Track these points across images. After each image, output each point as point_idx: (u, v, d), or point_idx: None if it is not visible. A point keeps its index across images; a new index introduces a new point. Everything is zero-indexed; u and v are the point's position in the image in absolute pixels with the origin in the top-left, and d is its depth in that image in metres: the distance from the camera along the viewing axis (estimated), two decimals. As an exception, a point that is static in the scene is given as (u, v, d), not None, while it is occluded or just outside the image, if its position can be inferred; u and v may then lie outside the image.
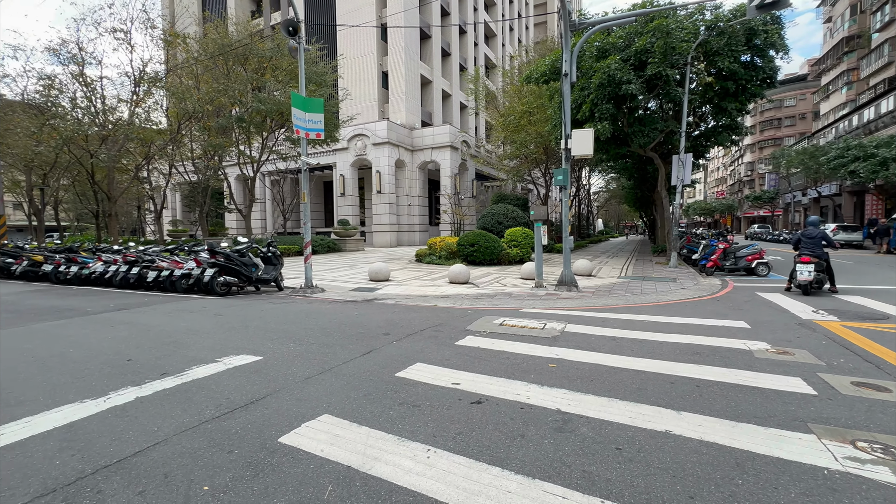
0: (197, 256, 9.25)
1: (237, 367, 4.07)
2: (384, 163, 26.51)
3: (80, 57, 16.26)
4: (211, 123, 17.96)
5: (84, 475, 2.31)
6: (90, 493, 2.15)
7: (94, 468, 2.37)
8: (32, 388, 3.62)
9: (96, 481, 2.25)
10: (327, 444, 2.56)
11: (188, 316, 6.63)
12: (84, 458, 2.48)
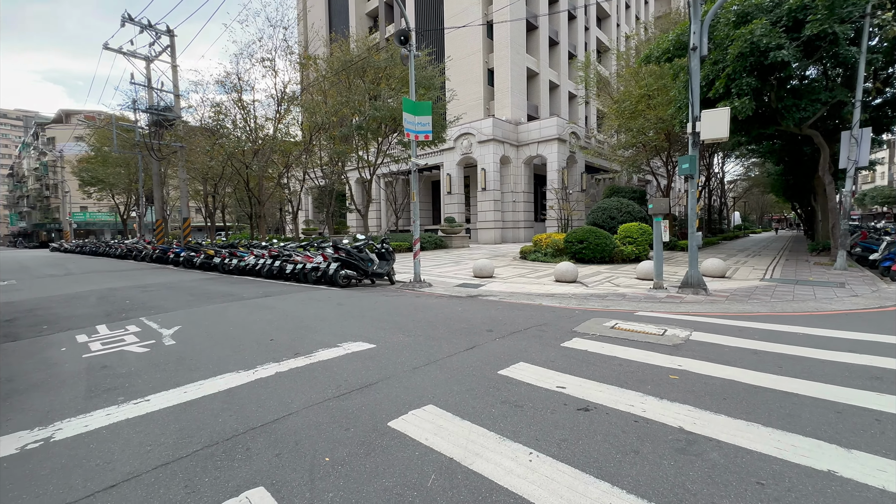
0: (324, 252, 10.44)
1: (354, 352, 4.48)
2: (489, 160, 26.63)
3: (238, 85, 19.60)
4: (335, 133, 20.09)
5: (238, 433, 2.78)
6: (241, 449, 2.57)
7: (245, 428, 2.84)
8: (204, 358, 4.48)
9: (246, 440, 2.69)
10: (431, 433, 2.66)
11: (316, 304, 7.52)
12: (238, 419, 2.98)
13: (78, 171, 36.91)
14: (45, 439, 2.81)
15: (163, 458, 2.51)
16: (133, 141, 24.31)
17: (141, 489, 2.21)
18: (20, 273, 16.17)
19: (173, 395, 3.47)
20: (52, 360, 4.63)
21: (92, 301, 8.62)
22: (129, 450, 2.63)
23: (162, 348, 4.93)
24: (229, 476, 2.29)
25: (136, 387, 3.72)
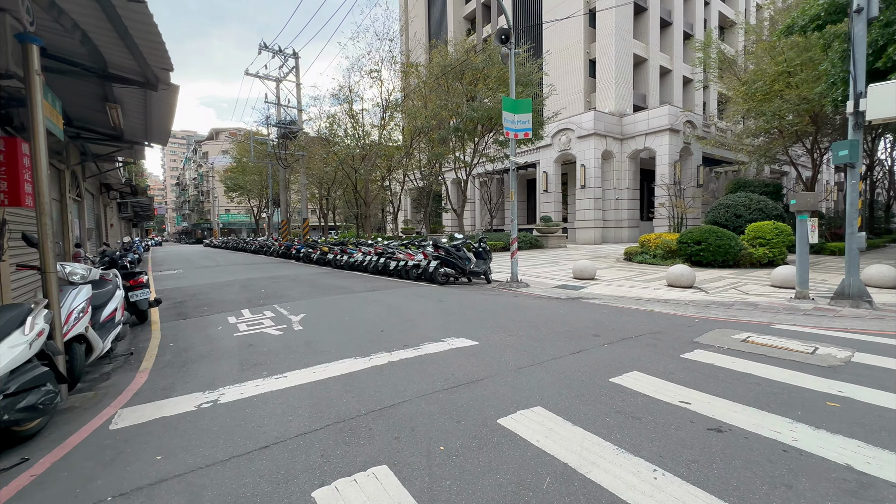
0: (424, 250, 10.92)
1: (458, 348, 4.62)
2: (589, 155, 25.26)
3: (349, 97, 21.45)
4: (434, 136, 20.86)
5: (360, 414, 3.05)
6: (364, 429, 2.82)
7: (366, 411, 3.11)
8: (327, 343, 5.00)
9: (367, 421, 2.94)
10: (542, 435, 2.63)
11: (418, 300, 7.90)
12: (359, 401, 3.27)
13: (223, 179, 43.98)
14: (214, 401, 3.41)
15: (301, 429, 2.86)
16: (265, 152, 28.13)
17: (287, 452, 2.56)
18: (184, 264, 19.78)
19: (305, 375, 3.94)
20: (213, 337, 5.58)
21: (236, 289, 10.19)
22: (275, 418, 3.05)
23: (292, 332, 5.62)
24: (356, 452, 2.53)
25: (275, 364, 4.31)
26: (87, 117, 7.74)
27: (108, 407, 3.41)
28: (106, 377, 4.19)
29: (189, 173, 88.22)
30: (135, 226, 40.47)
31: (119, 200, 22.69)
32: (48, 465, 2.55)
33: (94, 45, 4.54)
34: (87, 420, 3.16)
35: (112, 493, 2.23)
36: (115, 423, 3.10)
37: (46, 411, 2.86)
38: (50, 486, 2.34)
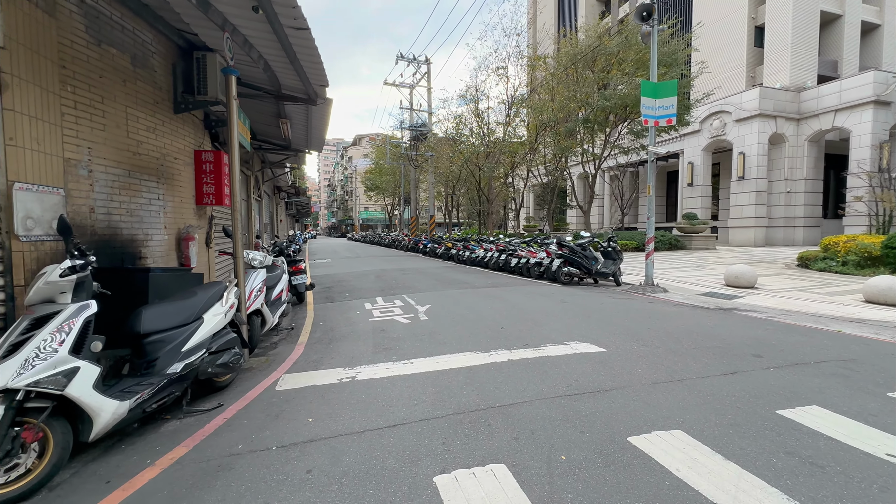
0: (547, 248, 10.57)
1: (583, 353, 4.34)
2: (751, 141, 21.24)
3: (476, 96, 21.94)
4: (561, 129, 20.01)
5: (479, 408, 3.09)
6: (483, 424, 2.84)
7: (485, 406, 3.13)
8: (449, 335, 5.20)
9: (486, 416, 2.96)
10: (684, 464, 2.29)
11: (540, 299, 7.69)
12: (479, 396, 3.32)
13: (364, 180, 49.41)
14: (352, 377, 3.83)
15: (425, 414, 3.03)
16: (399, 154, 30.64)
17: (412, 434, 2.73)
18: (332, 255, 22.81)
19: (429, 363, 4.16)
20: (352, 320, 6.29)
21: (372, 279, 11.33)
22: (402, 400, 3.29)
23: (418, 322, 6.00)
24: (475, 445, 2.57)
25: (403, 350, 4.65)
26: (265, 132, 9.44)
27: (275, 371, 4.11)
28: (274, 346, 5.06)
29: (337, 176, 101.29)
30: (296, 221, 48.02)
31: (286, 200, 27.21)
32: (234, 413, 3.18)
33: (272, 72, 5.48)
34: (260, 380, 3.86)
35: (276, 444, 2.67)
36: (280, 385, 3.71)
37: (235, 369, 3.57)
38: (236, 428, 2.91)
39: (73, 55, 3.61)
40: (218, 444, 2.69)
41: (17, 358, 2.17)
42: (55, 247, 3.31)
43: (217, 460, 2.50)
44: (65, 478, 2.38)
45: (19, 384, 2.12)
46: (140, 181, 4.39)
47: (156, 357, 2.95)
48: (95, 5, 3.84)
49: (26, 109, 3.12)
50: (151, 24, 4.53)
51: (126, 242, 4.16)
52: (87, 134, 3.73)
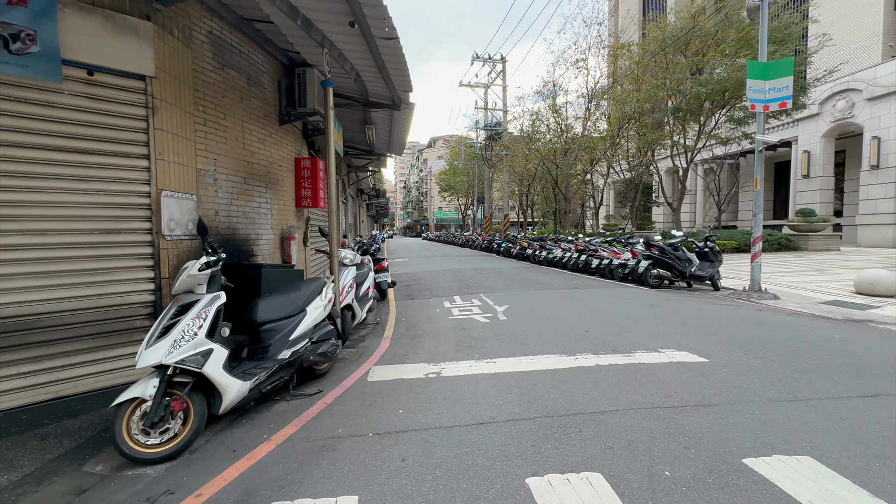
0: (633, 248, 9.92)
1: (681, 363, 4.00)
2: (889, 122, 17.90)
3: (553, 91, 21.29)
4: (647, 121, 18.63)
5: (568, 413, 3.00)
6: (574, 430, 2.75)
7: (574, 411, 3.03)
8: (531, 336, 5.12)
9: (577, 422, 2.86)
10: (818, 497, 2.01)
11: (626, 302, 7.24)
12: (567, 400, 3.22)
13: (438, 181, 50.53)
14: (437, 373, 3.94)
15: (512, 414, 3.01)
16: (473, 154, 30.83)
17: (500, 434, 2.73)
18: (409, 254, 23.65)
19: (512, 363, 4.13)
20: (433, 317, 6.46)
21: (448, 277, 11.54)
22: (488, 399, 3.31)
23: (498, 322, 5.99)
24: (567, 451, 2.49)
25: (485, 349, 4.67)
26: (352, 138, 10.07)
27: (365, 363, 4.38)
28: (362, 339, 5.38)
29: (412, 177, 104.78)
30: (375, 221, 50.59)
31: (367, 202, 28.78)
32: (333, 399, 3.44)
33: (362, 81, 5.84)
34: (353, 370, 4.14)
35: (372, 431, 2.84)
36: (371, 376, 3.94)
37: (332, 358, 3.87)
38: (335, 413, 3.15)
39: (203, 79, 4.17)
40: (321, 427, 2.94)
41: (168, 339, 2.56)
42: (190, 245, 3.85)
43: (322, 441, 2.73)
44: (200, 444, 2.76)
45: (170, 361, 2.51)
46: (253, 187, 4.95)
47: (269, 344, 3.31)
48: (220, 34, 4.40)
49: (170, 128, 3.67)
50: (262, 46, 5.07)
51: (242, 241, 4.71)
52: (213, 147, 4.29)
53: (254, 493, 2.19)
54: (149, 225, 3.53)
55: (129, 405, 2.49)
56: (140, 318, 3.51)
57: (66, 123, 3.16)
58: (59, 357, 3.15)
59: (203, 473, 2.41)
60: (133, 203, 3.47)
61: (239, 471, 2.41)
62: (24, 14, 2.84)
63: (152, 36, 3.46)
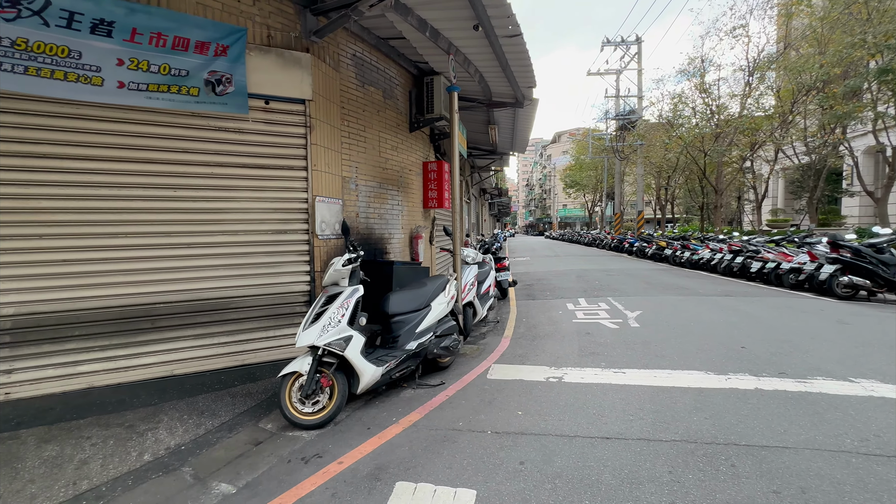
0: (811, 249, 8.04)
1: (885, 398, 3.10)
2: None
3: (702, 68, 18.52)
4: (835, 90, 14.85)
5: (717, 442, 2.57)
6: (725, 463, 2.35)
7: (725, 441, 2.58)
8: (669, 348, 4.54)
9: (728, 454, 2.43)
10: None
11: (799, 316, 5.91)
12: (714, 426, 2.76)
13: (562, 177, 48.48)
14: (559, 378, 3.78)
15: (643, 433, 2.72)
16: (602, 147, 28.77)
17: (629, 453, 2.49)
18: (530, 252, 23.25)
19: (645, 376, 3.73)
20: (555, 319, 6.23)
21: (572, 278, 10.98)
22: (615, 412, 3.04)
23: (628, 329, 5.47)
24: (714, 486, 2.14)
25: (612, 357, 4.32)
26: (475, 139, 10.31)
27: (485, 360, 4.44)
28: (482, 337, 5.47)
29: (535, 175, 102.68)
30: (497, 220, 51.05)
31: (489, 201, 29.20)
32: (454, 392, 3.57)
33: (485, 83, 5.93)
34: (473, 366, 4.24)
35: (491, 429, 2.86)
36: (491, 374, 3.98)
37: (454, 353, 4.03)
38: (456, 406, 3.27)
39: (348, 97, 4.74)
40: (443, 417, 3.08)
41: (319, 325, 2.99)
42: (336, 243, 4.42)
43: (443, 431, 2.86)
44: (342, 418, 3.14)
45: (320, 342, 2.92)
46: (386, 191, 5.44)
47: (398, 334, 3.60)
48: (362, 55, 4.94)
49: (322, 142, 4.26)
50: (395, 60, 5.53)
51: (377, 240, 5.22)
52: (355, 156, 4.84)
53: (384, 469, 2.41)
54: (306, 226, 4.16)
55: (290, 377, 2.98)
56: (299, 304, 4.16)
57: (250, 145, 3.91)
58: (244, 333, 3.93)
59: (343, 444, 2.74)
60: (295, 208, 4.13)
61: (372, 447, 2.68)
62: (224, 62, 3.60)
63: (310, 65, 4.06)
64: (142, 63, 3.28)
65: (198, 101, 3.52)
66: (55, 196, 3.26)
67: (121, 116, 3.41)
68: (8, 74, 2.87)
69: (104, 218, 3.41)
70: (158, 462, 2.55)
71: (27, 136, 3.16)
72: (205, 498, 2.24)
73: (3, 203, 3.11)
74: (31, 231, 3.20)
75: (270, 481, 2.36)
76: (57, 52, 2.99)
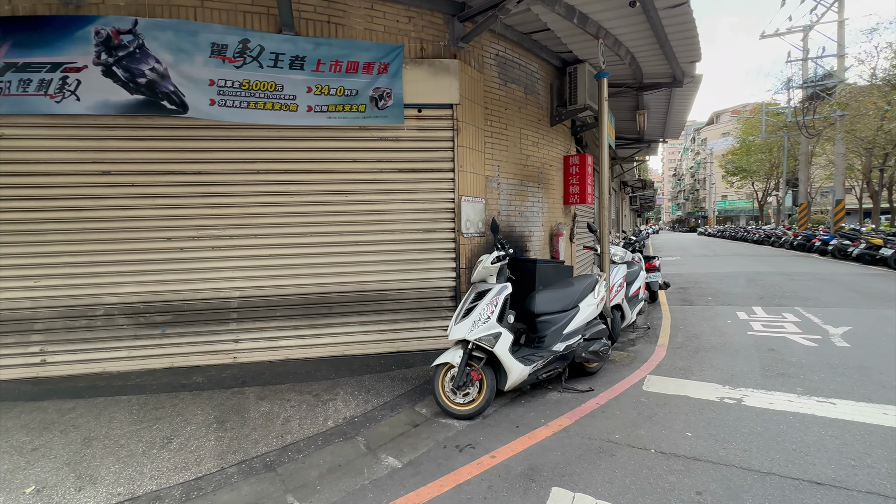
0: None
1: None
2: None
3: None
4: None
5: None
6: None
7: None
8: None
9: None
10: None
11: None
12: None
13: (723, 163, 41.25)
14: (737, 400, 3.21)
15: (875, 485, 2.11)
16: (782, 123, 23.61)
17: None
18: (681, 251, 20.45)
19: (868, 412, 2.91)
20: (722, 330, 5.33)
21: (742, 282, 9.27)
22: (826, 453, 2.43)
23: (832, 348, 4.36)
24: None
25: (812, 382, 3.48)
26: (618, 127, 9.49)
27: (638, 370, 4.04)
28: (631, 343, 4.99)
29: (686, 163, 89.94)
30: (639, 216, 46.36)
31: (630, 195, 26.67)
32: (605, 401, 3.33)
33: (637, 64, 5.38)
34: (625, 375, 3.89)
35: (654, 448, 2.58)
36: (647, 385, 3.60)
37: (603, 358, 3.76)
38: (609, 416, 3.04)
39: (491, 97, 4.81)
40: (595, 426, 2.89)
41: (469, 320, 3.10)
42: (479, 242, 4.54)
43: (597, 442, 2.68)
44: (489, 413, 3.20)
45: (471, 337, 3.03)
46: (527, 188, 5.38)
47: (544, 335, 3.51)
48: (504, 54, 4.96)
49: (467, 144, 4.42)
50: (537, 54, 5.41)
51: (517, 238, 5.20)
52: (497, 155, 4.90)
53: (537, 471, 2.37)
54: (452, 225, 4.37)
55: (442, 368, 3.15)
56: (445, 299, 4.40)
57: (404, 151, 4.27)
58: (398, 322, 4.33)
59: (493, 438, 2.79)
60: (442, 208, 4.38)
61: (523, 445, 2.67)
62: (385, 78, 4.00)
63: (458, 70, 4.24)
64: (324, 88, 3.86)
65: (364, 116, 3.99)
66: (263, 203, 4.07)
67: (307, 135, 4.07)
68: (237, 110, 3.68)
69: (297, 220, 4.12)
70: (338, 429, 2.97)
71: (245, 157, 4.00)
72: (377, 467, 2.51)
73: (232, 210, 4.01)
74: (249, 232, 4.05)
75: (430, 463, 2.54)
76: (267, 88, 3.72)
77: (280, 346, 4.11)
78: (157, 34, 3.53)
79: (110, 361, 3.88)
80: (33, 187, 3.74)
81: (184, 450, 2.67)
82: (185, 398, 3.41)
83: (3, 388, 3.61)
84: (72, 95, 3.48)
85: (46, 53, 3.43)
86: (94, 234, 3.83)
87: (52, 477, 2.40)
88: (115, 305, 3.90)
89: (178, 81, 3.58)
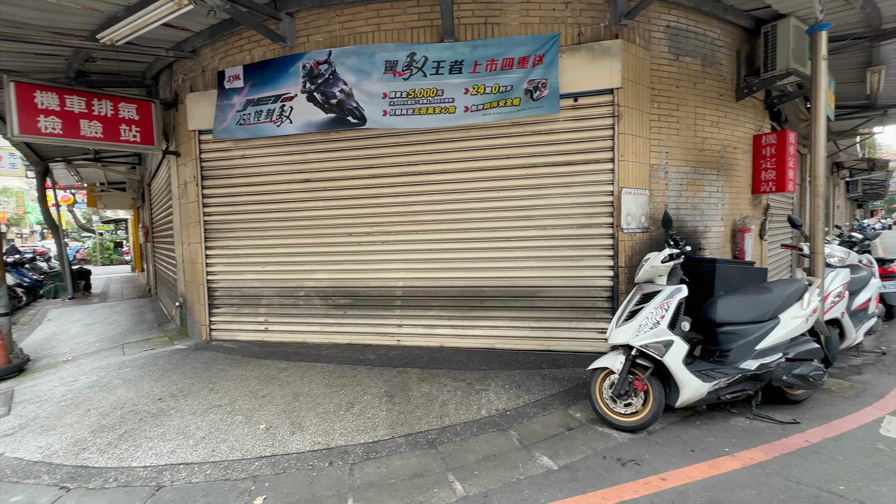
0: None
1: None
2: None
3: None
4: None
5: None
6: None
7: None
8: None
9: None
10: None
11: None
12: None
13: None
14: None
15: None
16: None
17: None
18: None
19: None
20: None
21: None
22: None
23: None
24: None
25: None
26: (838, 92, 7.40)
27: (868, 406, 3.10)
28: (856, 370, 3.86)
29: (944, 132, 65.22)
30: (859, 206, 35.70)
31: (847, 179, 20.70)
32: (818, 440, 2.64)
33: (873, 5, 4.09)
34: (848, 411, 3.02)
35: (906, 514, 1.93)
36: (886, 429, 2.73)
37: (814, 385, 2.98)
38: (826, 461, 2.39)
39: (659, 75, 4.27)
40: (808, 470, 2.31)
41: (634, 323, 2.81)
42: (641, 238, 4.09)
43: (811, 490, 2.14)
44: (656, 429, 2.86)
45: (636, 342, 2.75)
46: (702, 176, 4.62)
47: (728, 349, 2.96)
48: (677, 24, 4.34)
49: (629, 130, 4.01)
50: (719, 17, 4.58)
51: (689, 234, 4.52)
52: (664, 141, 4.33)
53: (723, 508, 2.02)
54: (610, 220, 4.04)
55: (600, 372, 2.94)
56: (601, 299, 4.10)
57: (559, 143, 4.12)
58: (549, 321, 4.22)
59: (663, 458, 2.48)
60: (599, 201, 4.08)
61: (702, 474, 2.30)
62: (540, 69, 3.92)
63: (620, 50, 3.88)
64: (480, 88, 3.98)
65: (518, 109, 3.97)
66: (423, 202, 4.43)
67: (462, 136, 4.26)
68: (405, 117, 4.08)
69: (452, 217, 4.37)
70: (491, 420, 3.05)
71: (408, 160, 4.41)
72: (531, 464, 2.49)
73: (397, 209, 4.48)
74: (411, 228, 4.46)
75: (588, 471, 2.39)
76: (430, 94, 4.02)
77: (436, 333, 4.43)
78: (344, 60, 4.17)
79: (308, 334, 4.77)
80: (261, 194, 4.83)
81: (363, 415, 3.10)
82: (361, 371, 3.97)
83: (243, 347, 4.78)
84: (287, 119, 4.36)
85: (271, 88, 4.38)
86: (298, 230, 4.76)
87: (275, 420, 3.06)
88: (311, 288, 4.77)
89: (360, 98, 4.16)
